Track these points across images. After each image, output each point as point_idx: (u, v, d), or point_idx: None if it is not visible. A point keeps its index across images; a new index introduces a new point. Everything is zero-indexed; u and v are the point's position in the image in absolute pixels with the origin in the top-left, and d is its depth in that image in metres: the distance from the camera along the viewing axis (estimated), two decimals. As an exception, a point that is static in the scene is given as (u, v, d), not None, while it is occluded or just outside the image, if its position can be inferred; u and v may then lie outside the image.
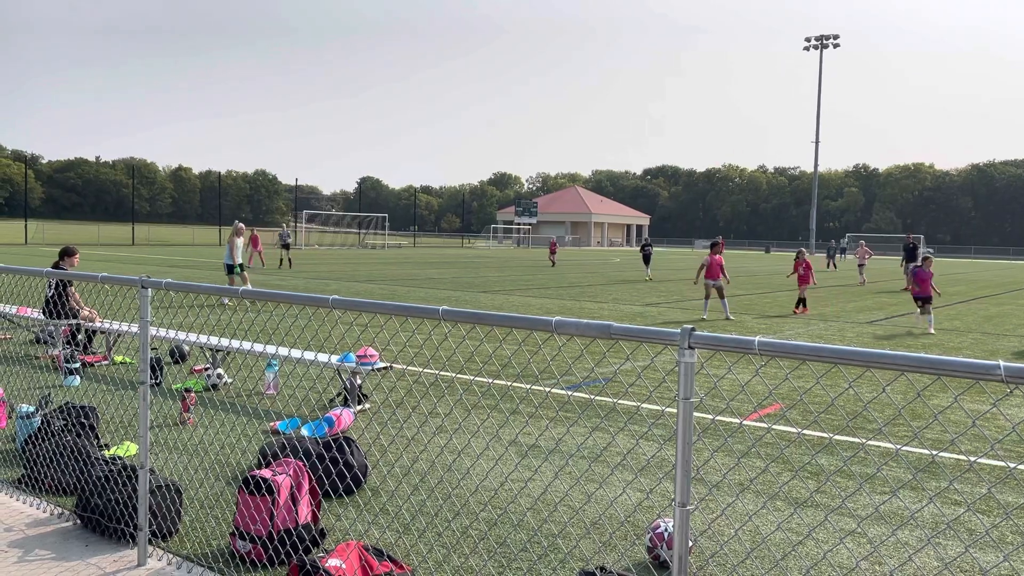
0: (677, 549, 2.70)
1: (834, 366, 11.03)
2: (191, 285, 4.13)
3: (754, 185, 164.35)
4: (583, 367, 10.68)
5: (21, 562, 4.29)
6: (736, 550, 4.74)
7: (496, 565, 4.44)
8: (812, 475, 6.23)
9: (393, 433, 7.18)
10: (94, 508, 4.71)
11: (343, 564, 3.99)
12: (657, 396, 8.96)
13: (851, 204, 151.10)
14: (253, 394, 8.69)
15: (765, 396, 8.54)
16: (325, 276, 28.72)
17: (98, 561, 4.34)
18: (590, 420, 7.80)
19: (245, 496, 4.48)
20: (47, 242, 51.71)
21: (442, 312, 3.19)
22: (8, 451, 6.33)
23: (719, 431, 7.53)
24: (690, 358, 2.66)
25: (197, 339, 9.22)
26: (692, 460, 2.84)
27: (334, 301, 3.56)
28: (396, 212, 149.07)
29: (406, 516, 5.15)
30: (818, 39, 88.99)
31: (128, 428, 7.10)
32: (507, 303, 20.35)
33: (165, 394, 8.50)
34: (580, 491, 5.71)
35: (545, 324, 2.91)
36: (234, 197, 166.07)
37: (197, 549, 4.55)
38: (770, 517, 5.29)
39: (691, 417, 2.66)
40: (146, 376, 4.37)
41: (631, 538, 4.88)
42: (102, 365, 10.11)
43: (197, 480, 5.73)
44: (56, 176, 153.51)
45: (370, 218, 79.53)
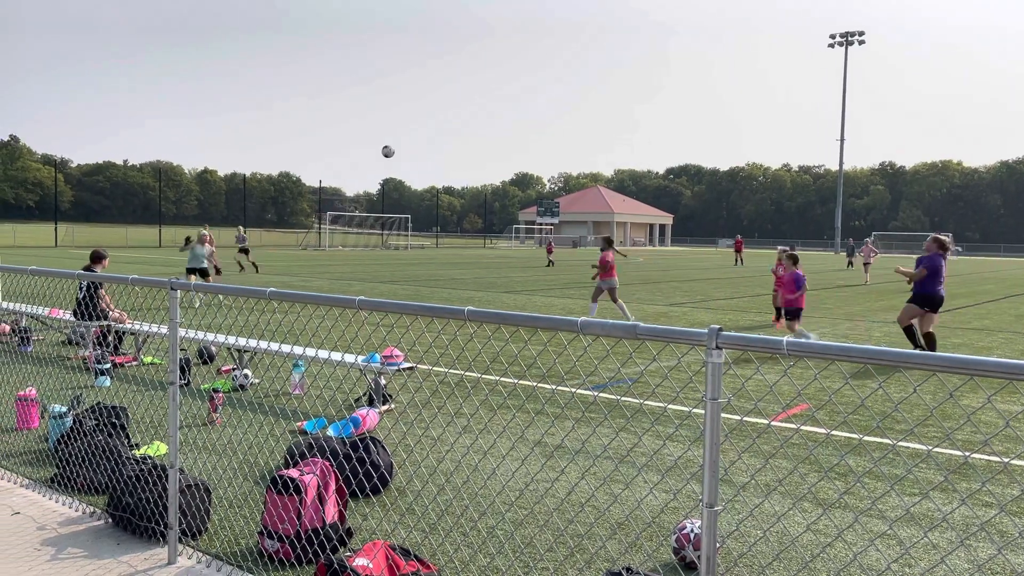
0: (705, 550, 2.69)
1: (863, 366, 10.94)
2: (219, 287, 4.18)
3: (778, 184, 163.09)
4: (609, 367, 10.66)
5: (54, 560, 4.36)
6: (764, 551, 4.70)
7: (522, 565, 4.44)
8: (840, 476, 6.17)
9: (419, 433, 7.20)
10: (125, 507, 4.77)
11: (370, 564, 4.01)
12: (684, 397, 8.92)
13: (877, 202, 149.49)
14: (280, 394, 8.76)
15: (793, 397, 8.47)
16: (349, 277, 28.88)
17: (129, 559, 4.40)
18: (616, 421, 7.78)
19: (273, 495, 4.52)
20: (76, 244, 52.45)
21: (467, 312, 3.19)
22: (41, 451, 6.43)
23: (746, 432, 7.48)
24: (717, 358, 2.65)
25: (225, 340, 9.31)
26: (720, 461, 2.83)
27: (360, 302, 3.58)
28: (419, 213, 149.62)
29: (432, 516, 5.17)
30: (843, 36, 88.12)
31: (158, 428, 7.18)
32: (530, 303, 20.35)
33: (193, 394, 8.59)
34: (606, 492, 5.70)
35: (571, 324, 2.90)
36: (259, 199, 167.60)
37: (226, 548, 4.60)
38: (798, 519, 5.25)
39: (719, 417, 2.64)
40: (175, 376, 4.42)
41: (657, 539, 4.87)
42: (132, 366, 10.24)
43: (225, 479, 5.78)
44: (85, 179, 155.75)
45: (393, 219, 79.86)
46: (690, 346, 3.47)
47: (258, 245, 66.38)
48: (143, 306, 16.22)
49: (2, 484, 5.59)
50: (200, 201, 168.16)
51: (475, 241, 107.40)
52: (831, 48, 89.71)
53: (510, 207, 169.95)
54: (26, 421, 7.07)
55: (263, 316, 15.27)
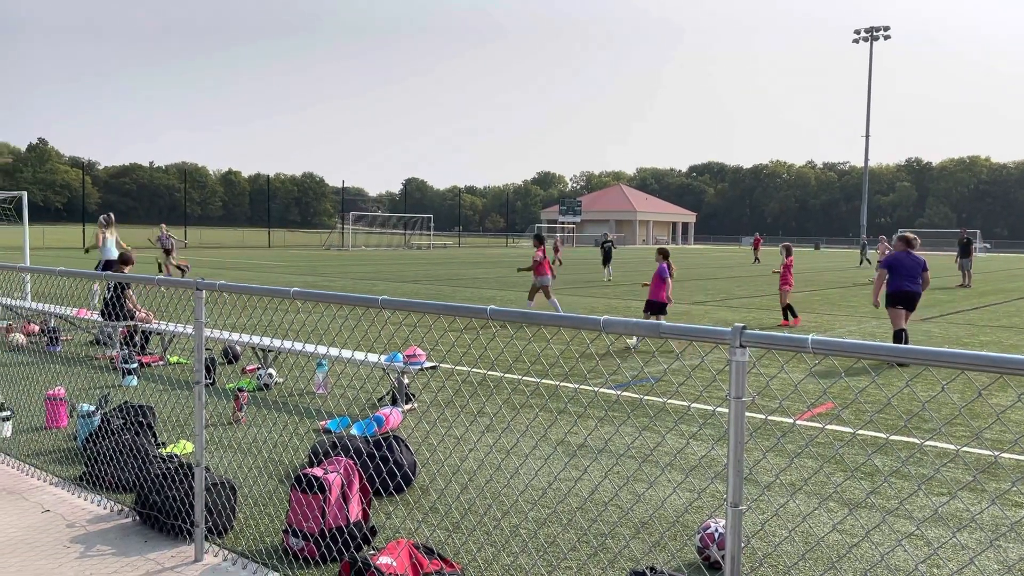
0: (730, 550, 2.67)
1: (890, 365, 10.81)
2: (244, 287, 4.21)
3: (802, 181, 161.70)
4: (632, 366, 10.62)
5: (83, 557, 4.42)
6: (789, 552, 4.67)
7: (546, 564, 4.44)
8: (867, 476, 6.10)
9: (442, 432, 7.22)
10: (152, 505, 4.83)
11: (394, 562, 4.02)
12: (707, 396, 8.87)
13: (903, 199, 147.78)
14: (304, 393, 8.81)
15: (819, 395, 8.39)
16: (372, 277, 29.01)
17: (157, 556, 4.45)
18: (639, 420, 7.75)
19: (297, 494, 4.55)
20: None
21: (490, 312, 3.20)
22: (70, 449, 6.52)
23: (770, 431, 7.43)
24: (741, 357, 2.63)
25: (249, 340, 9.38)
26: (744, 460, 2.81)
27: (383, 301, 3.59)
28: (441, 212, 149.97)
29: (455, 515, 5.18)
30: (868, 31, 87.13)
31: (184, 427, 7.26)
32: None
33: (219, 393, 8.67)
34: (629, 491, 5.68)
35: (593, 323, 2.90)
36: (282, 199, 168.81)
37: (251, 545, 4.64)
38: (824, 518, 5.20)
39: (743, 416, 2.62)
40: (201, 376, 4.46)
41: (681, 539, 4.84)
42: (158, 365, 10.35)
43: (251, 478, 5.83)
44: (112, 182, 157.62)
45: (415, 219, 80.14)
46: (714, 344, 3.45)
47: (282, 245, 66.86)
48: (168, 306, 16.40)
49: (32, 482, 5.68)
50: (224, 202, 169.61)
51: (497, 240, 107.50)
52: (856, 43, 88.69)
53: (532, 206, 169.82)
54: (55, 420, 7.17)
55: (287, 316, 15.38)
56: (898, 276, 11.33)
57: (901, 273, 11.33)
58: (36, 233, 65.04)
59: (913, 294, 11.29)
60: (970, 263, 29.37)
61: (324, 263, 39.07)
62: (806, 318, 17.45)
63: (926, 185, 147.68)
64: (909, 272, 11.30)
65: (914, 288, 11.28)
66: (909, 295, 11.29)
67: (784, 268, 16.01)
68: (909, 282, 11.27)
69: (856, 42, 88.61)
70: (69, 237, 64.04)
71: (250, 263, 38.09)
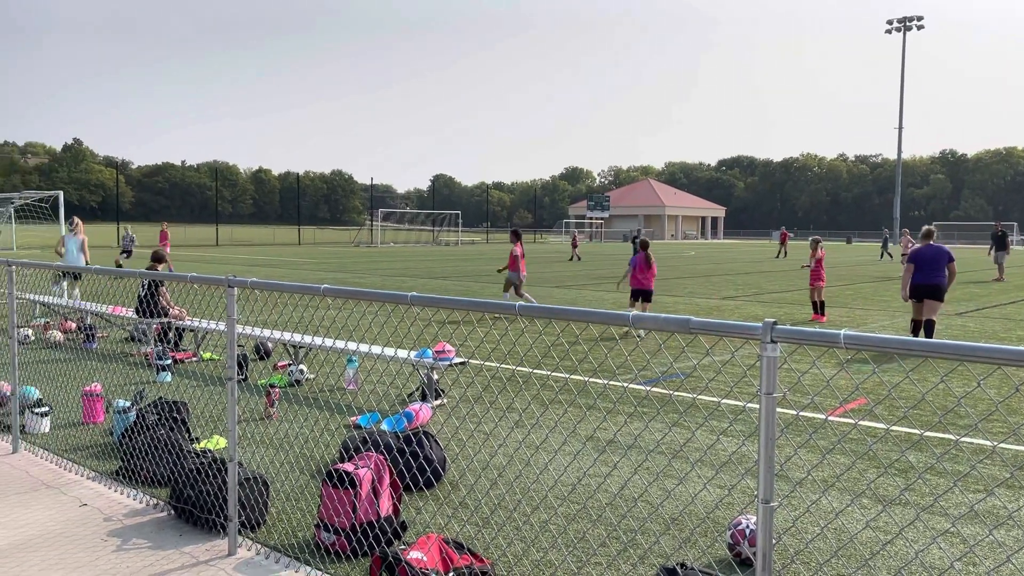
0: (761, 546, 2.65)
1: (924, 360, 10.66)
2: (275, 284, 4.25)
3: (834, 174, 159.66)
4: (661, 362, 10.58)
5: (120, 551, 4.50)
6: (821, 548, 4.62)
7: (575, 560, 4.44)
8: (900, 472, 6.03)
9: (471, 428, 7.24)
10: (187, 499, 4.90)
11: (424, 556, 4.05)
12: (738, 391, 8.80)
13: (938, 191, 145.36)
14: (335, 389, 8.89)
15: (852, 391, 8.29)
16: (401, 273, 29.15)
17: (191, 550, 4.52)
18: (669, 416, 7.72)
19: (329, 489, 4.59)
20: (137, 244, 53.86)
21: (519, 308, 3.20)
22: (106, 444, 6.64)
23: (802, 427, 7.35)
24: (772, 352, 2.61)
25: (281, 336, 9.48)
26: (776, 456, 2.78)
27: (413, 298, 3.61)
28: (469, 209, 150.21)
29: (485, 510, 5.20)
30: (900, 21, 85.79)
31: (216, 422, 7.35)
32: (580, 298, 20.29)
33: (251, 389, 8.78)
34: (659, 487, 5.66)
35: (622, 319, 2.89)
36: (312, 197, 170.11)
37: (283, 540, 4.69)
38: (856, 515, 5.14)
39: (774, 412, 2.60)
40: (233, 372, 4.52)
41: (712, 535, 4.82)
42: (191, 362, 10.49)
43: (283, 473, 5.89)
44: (145, 180, 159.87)
45: (443, 215, 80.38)
46: (744, 340, 3.43)
47: (312, 242, 67.40)
48: (201, 303, 16.61)
49: (70, 476, 5.79)
50: (255, 200, 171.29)
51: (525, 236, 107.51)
52: (888, 34, 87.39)
53: (560, 201, 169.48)
54: (92, 415, 7.30)
55: (317, 312, 15.51)
56: (920, 270, 11.60)
57: (923, 267, 11.59)
58: (72, 232, 66.12)
59: (934, 287, 11.48)
60: (1005, 256, 28.79)
61: (353, 260, 39.32)
62: (838, 312, 17.25)
63: (961, 177, 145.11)
64: (931, 265, 11.54)
65: (936, 281, 11.46)
66: (930, 288, 11.51)
67: (816, 263, 15.84)
68: (931, 275, 11.50)
69: (889, 32, 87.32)
70: (104, 236, 65.10)
71: (280, 260, 38.45)
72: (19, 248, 40.68)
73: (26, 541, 4.61)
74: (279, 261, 37.63)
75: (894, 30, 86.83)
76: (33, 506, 5.17)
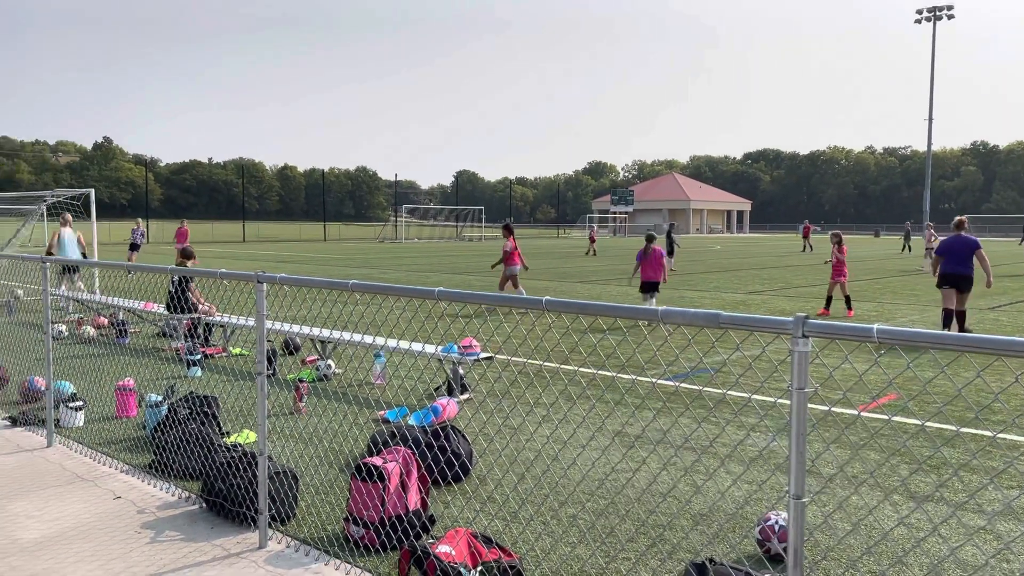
0: (792, 542, 2.63)
1: (960, 355, 10.52)
2: (304, 279, 4.28)
3: (862, 167, 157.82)
4: (690, 357, 10.52)
5: (153, 543, 4.56)
6: (852, 545, 4.58)
7: (604, 555, 4.43)
8: (933, 469, 5.95)
9: (499, 423, 7.26)
10: (218, 492, 4.96)
11: (453, 551, 4.06)
12: (768, 387, 8.74)
13: (969, 184, 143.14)
14: (363, 384, 8.94)
15: (884, 386, 8.20)
16: (425, 268, 29.24)
17: (223, 542, 4.57)
18: (697, 411, 7.68)
19: (357, 483, 4.62)
20: (166, 241, 54.51)
21: (545, 302, 3.19)
22: (139, 438, 6.73)
23: (832, 422, 7.28)
24: (804, 347, 2.58)
25: (310, 332, 9.55)
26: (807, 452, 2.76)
27: (440, 292, 3.62)
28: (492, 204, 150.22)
29: (513, 505, 5.21)
30: (930, 11, 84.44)
31: (247, 416, 7.43)
32: (605, 293, 20.24)
33: (279, 384, 8.85)
34: (688, 483, 5.64)
35: (651, 313, 2.87)
36: (337, 193, 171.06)
37: (313, 533, 4.73)
38: (889, 512, 5.09)
39: (805, 407, 2.58)
40: (263, 367, 4.56)
41: (741, 531, 4.79)
42: (220, 357, 10.60)
43: (312, 467, 5.94)
44: (173, 178, 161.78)
45: (467, 211, 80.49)
46: (775, 335, 3.39)
47: (337, 238, 67.81)
48: (231, 299, 16.78)
49: (104, 469, 5.88)
50: (281, 196, 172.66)
51: (548, 231, 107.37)
52: (918, 23, 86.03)
53: (583, 196, 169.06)
54: (125, 409, 7.40)
55: (345, 308, 15.61)
56: (949, 260, 12.07)
57: (951, 257, 12.05)
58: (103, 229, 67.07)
59: (962, 276, 11.92)
60: None
61: (378, 256, 39.51)
62: (867, 307, 17.06)
63: (992, 169, 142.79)
64: (959, 255, 11.98)
65: (963, 271, 11.91)
66: (958, 277, 11.94)
67: (838, 259, 15.71)
68: (959, 265, 11.94)
69: (918, 22, 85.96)
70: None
71: (307, 256, 38.73)
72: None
73: (61, 533, 4.69)
74: (305, 257, 37.91)
75: (923, 20, 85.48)
76: (68, 499, 5.26)
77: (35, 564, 4.27)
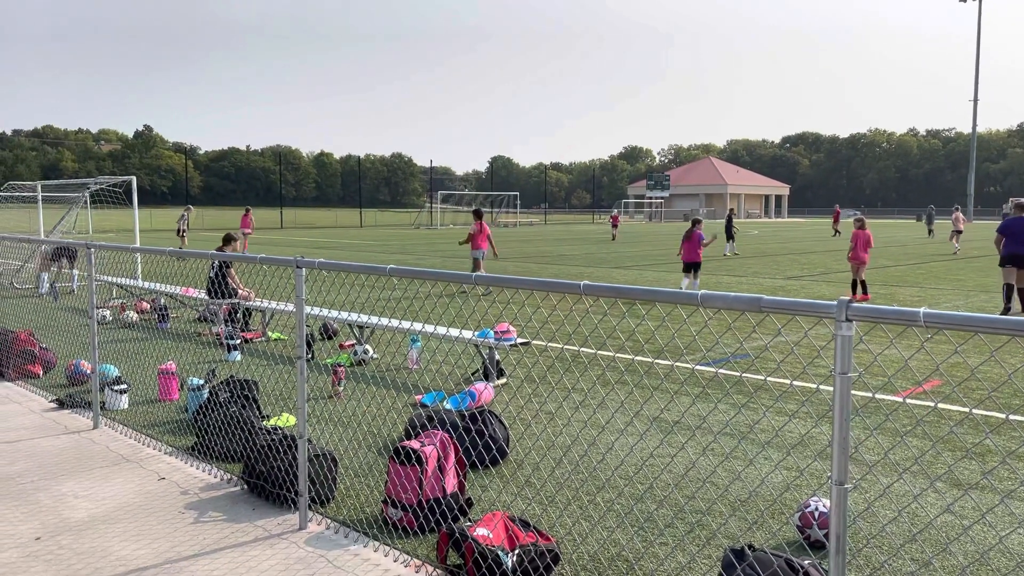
0: (834, 528, 2.59)
1: (1011, 339, 10.30)
2: (342, 264, 4.30)
3: (904, 150, 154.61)
4: (729, 342, 10.42)
5: (197, 523, 4.64)
6: (895, 533, 4.51)
7: (642, 540, 4.42)
8: (978, 456, 5.83)
9: (537, 407, 7.26)
10: (259, 474, 5.03)
11: (490, 533, 4.08)
12: (809, 372, 8.63)
13: (1015, 166, 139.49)
14: (401, 368, 9.00)
15: (930, 371, 8.06)
16: (461, 255, 29.30)
17: (264, 523, 4.64)
18: (736, 397, 7.61)
19: (395, 466, 4.66)
20: (206, 227, 55.30)
21: (583, 287, 3.17)
22: (181, 420, 6.85)
23: (875, 408, 7.17)
24: (847, 331, 2.54)
25: (348, 317, 9.62)
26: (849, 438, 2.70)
27: (477, 278, 3.62)
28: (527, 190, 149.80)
29: (550, 489, 5.21)
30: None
31: (286, 400, 7.52)
32: (641, 278, 20.12)
33: (317, 368, 8.94)
34: (727, 469, 5.59)
35: (691, 298, 2.84)
36: (372, 180, 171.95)
37: (352, 515, 4.78)
38: (932, 499, 5.00)
39: (848, 393, 2.53)
40: (303, 351, 4.60)
41: (781, 517, 4.74)
42: (259, 341, 10.74)
43: (351, 450, 6.00)
44: (212, 165, 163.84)
45: (501, 196, 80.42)
46: (817, 319, 3.33)
47: (373, 225, 68.21)
48: (269, 284, 16.97)
49: (148, 451, 6.00)
50: (317, 183, 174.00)
51: (584, 217, 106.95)
52: (963, 2, 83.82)
53: (619, 181, 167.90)
54: (167, 393, 7.54)
55: (383, 293, 15.71)
56: (1010, 240, 12.93)
57: (1012, 238, 12.91)
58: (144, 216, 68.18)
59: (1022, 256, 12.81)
60: None
61: (414, 242, 39.67)
62: (910, 292, 16.75)
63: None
64: (1020, 235, 12.80)
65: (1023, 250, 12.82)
66: (1019, 256, 12.83)
67: (855, 242, 15.62)
68: (1021, 245, 12.78)
69: (963, 1, 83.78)
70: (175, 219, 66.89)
71: (343, 243, 39.03)
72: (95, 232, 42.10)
73: (108, 513, 4.79)
74: (342, 243, 38.20)
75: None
76: (114, 479, 5.37)
77: (83, 542, 4.38)
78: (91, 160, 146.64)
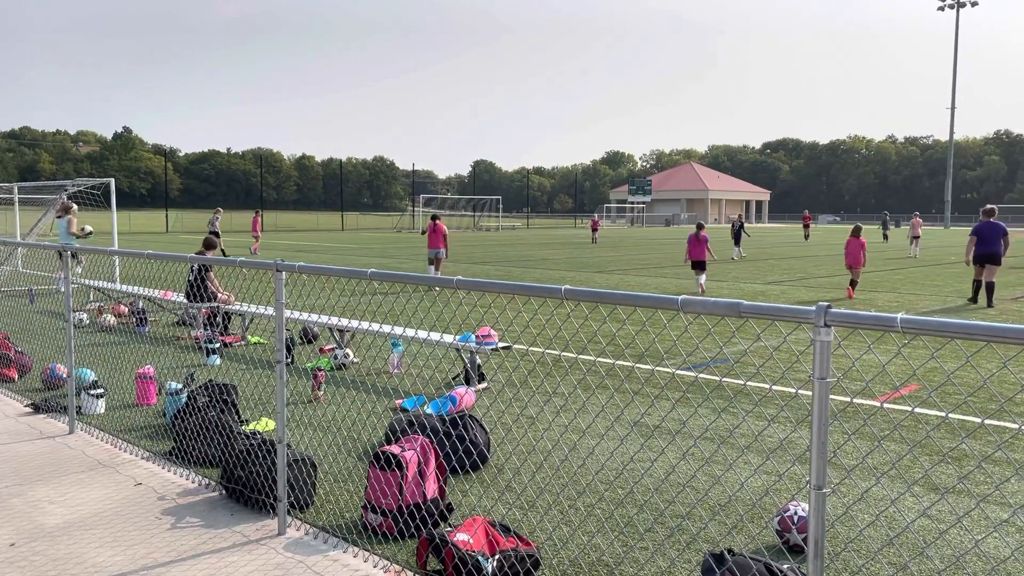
0: (813, 533, 2.60)
1: (986, 344, 10.41)
2: (323, 268, 4.28)
3: (882, 156, 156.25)
4: (709, 347, 10.47)
5: (174, 529, 4.60)
6: (873, 537, 4.54)
7: (622, 544, 4.42)
8: (955, 460, 5.89)
9: (517, 411, 7.25)
10: (237, 479, 4.98)
11: (471, 539, 4.06)
12: (788, 377, 8.68)
13: (992, 173, 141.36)
14: (380, 373, 8.96)
15: (908, 376, 8.13)
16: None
17: (242, 529, 4.60)
18: (716, 402, 7.64)
19: (375, 471, 4.63)
20: (186, 230, 54.91)
21: (564, 291, 3.17)
22: (159, 425, 6.78)
23: (852, 413, 7.22)
24: (826, 336, 2.55)
25: (327, 320, 9.58)
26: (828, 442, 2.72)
27: (459, 281, 3.61)
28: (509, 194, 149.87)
29: (531, 494, 5.20)
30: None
31: (265, 404, 7.47)
32: (623, 283, 20.17)
33: (297, 372, 8.89)
34: (706, 473, 5.61)
35: (671, 303, 2.85)
36: (355, 183, 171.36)
37: (331, 521, 4.75)
38: (910, 503, 5.04)
39: (827, 397, 2.55)
40: (282, 355, 4.57)
41: (760, 521, 4.76)
42: (239, 345, 10.66)
43: (330, 455, 5.97)
44: (192, 168, 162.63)
45: (484, 200, 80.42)
46: (796, 324, 3.35)
47: (354, 228, 68.00)
48: (248, 288, 16.86)
49: (125, 456, 5.93)
50: (299, 186, 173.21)
51: (566, 221, 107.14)
52: (941, 11, 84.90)
53: (601, 186, 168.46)
54: (145, 397, 7.46)
55: (364, 297, 15.64)
56: (981, 242, 15.34)
57: (983, 240, 15.32)
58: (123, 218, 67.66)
59: (993, 254, 15.25)
60: None
61: (396, 245, 39.57)
62: (888, 297, 16.91)
63: (1016, 158, 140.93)
64: (990, 238, 15.26)
65: (994, 250, 15.22)
66: (990, 255, 15.29)
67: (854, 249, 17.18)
68: (990, 246, 15.24)
69: (941, 9, 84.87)
70: (153, 222, 66.38)
71: (325, 246, 38.86)
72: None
73: (83, 519, 4.73)
74: (323, 247, 38.04)
75: (947, 7, 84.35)
76: (90, 485, 5.31)
77: (58, 548, 4.32)
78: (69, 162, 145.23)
